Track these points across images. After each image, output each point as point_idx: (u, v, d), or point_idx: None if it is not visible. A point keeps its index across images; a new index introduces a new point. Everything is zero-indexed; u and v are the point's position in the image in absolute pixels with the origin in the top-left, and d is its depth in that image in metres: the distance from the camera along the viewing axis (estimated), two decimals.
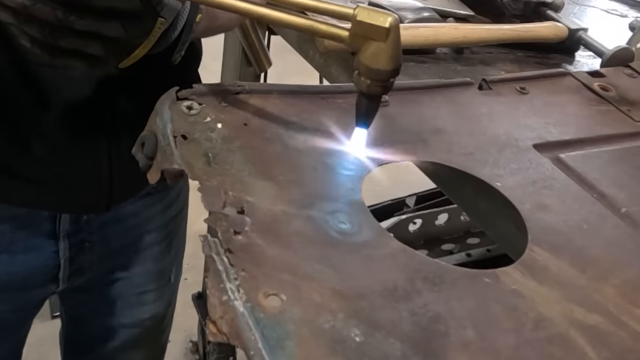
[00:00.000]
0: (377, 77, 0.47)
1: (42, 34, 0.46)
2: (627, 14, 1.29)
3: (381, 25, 0.45)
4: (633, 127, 0.69)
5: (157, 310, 0.99)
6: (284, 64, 1.80)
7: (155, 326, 1.01)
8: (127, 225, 0.86)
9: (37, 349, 1.67)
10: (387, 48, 0.45)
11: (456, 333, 0.38)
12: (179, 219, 0.97)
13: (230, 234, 0.40)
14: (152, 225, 0.90)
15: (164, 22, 0.50)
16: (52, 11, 0.45)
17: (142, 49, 0.52)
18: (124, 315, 0.96)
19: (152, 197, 0.88)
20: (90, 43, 0.48)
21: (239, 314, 0.34)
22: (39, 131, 0.70)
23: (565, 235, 0.49)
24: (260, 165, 0.47)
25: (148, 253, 0.92)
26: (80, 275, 0.85)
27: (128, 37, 0.49)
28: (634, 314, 0.43)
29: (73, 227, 0.80)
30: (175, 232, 0.97)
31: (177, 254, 1.00)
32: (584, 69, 0.92)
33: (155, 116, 0.50)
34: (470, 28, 0.88)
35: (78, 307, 0.98)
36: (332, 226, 0.43)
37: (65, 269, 0.82)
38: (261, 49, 1.39)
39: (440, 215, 1.53)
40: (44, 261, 0.80)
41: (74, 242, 0.81)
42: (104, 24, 0.47)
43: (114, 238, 0.86)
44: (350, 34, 0.46)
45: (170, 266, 0.98)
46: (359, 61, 0.46)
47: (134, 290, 0.94)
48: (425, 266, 0.42)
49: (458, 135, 0.59)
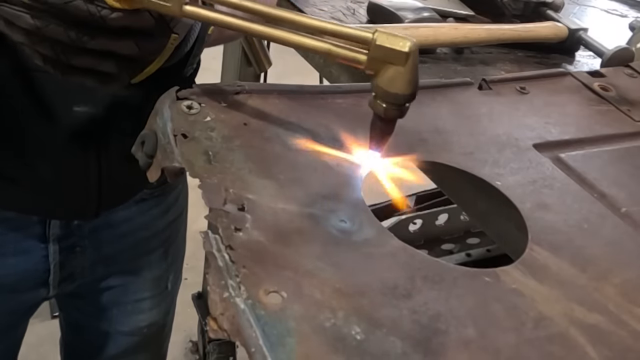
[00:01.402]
0: (394, 101, 0.46)
1: (55, 53, 0.46)
2: (627, 14, 1.30)
3: (401, 49, 0.44)
4: (633, 127, 0.69)
5: (155, 318, 0.98)
6: (284, 64, 1.80)
7: (154, 334, 1.00)
8: (119, 231, 0.85)
9: (37, 349, 1.67)
10: (405, 72, 0.45)
11: (456, 331, 0.38)
12: (177, 223, 0.96)
13: (231, 230, 0.40)
14: (147, 231, 0.89)
15: (177, 37, 0.50)
16: (64, 32, 0.44)
17: (155, 65, 0.51)
18: (121, 323, 0.95)
19: (148, 202, 0.87)
20: (103, 61, 0.47)
21: (240, 311, 0.34)
22: (32, 136, 0.70)
23: (566, 235, 0.49)
24: (261, 163, 0.47)
25: (143, 260, 0.91)
26: (72, 280, 0.84)
27: (142, 54, 0.48)
28: (634, 313, 0.43)
29: (63, 232, 0.79)
30: (173, 239, 0.95)
31: (174, 261, 0.99)
32: (584, 69, 0.92)
33: (155, 115, 0.50)
34: (470, 28, 0.89)
35: (75, 314, 0.97)
36: (332, 224, 0.43)
37: (55, 273, 0.81)
38: (261, 49, 1.39)
39: (440, 215, 1.53)
40: (34, 265, 0.80)
41: (64, 246, 0.80)
42: (118, 43, 0.47)
43: (106, 244, 0.84)
44: (368, 58, 0.45)
45: (167, 274, 0.97)
46: (376, 85, 0.46)
47: (130, 298, 0.93)
48: (426, 265, 0.43)
49: (458, 135, 0.59)
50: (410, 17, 0.88)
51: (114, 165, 0.75)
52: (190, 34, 0.54)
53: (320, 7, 0.97)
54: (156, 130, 0.48)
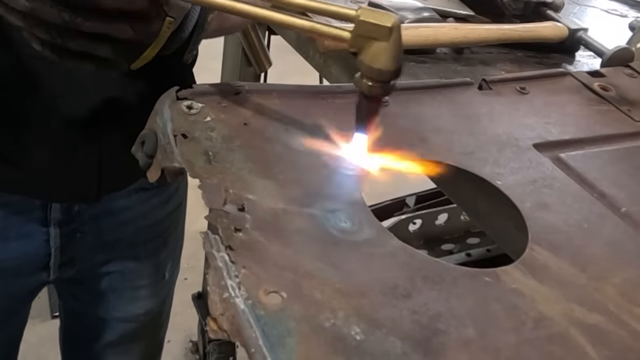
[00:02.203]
0: (379, 78, 0.47)
1: (51, 37, 0.47)
2: (627, 14, 1.30)
3: (384, 24, 0.45)
4: (633, 127, 0.69)
5: (151, 306, 0.99)
6: (284, 64, 1.80)
7: (150, 322, 1.02)
8: (120, 219, 0.86)
9: (37, 349, 1.67)
10: (389, 48, 0.45)
11: (456, 332, 0.38)
12: (177, 214, 0.97)
13: (230, 231, 0.40)
14: (147, 220, 0.90)
15: (172, 21, 0.50)
16: (58, 13, 0.45)
17: (153, 49, 0.52)
18: (118, 310, 0.96)
19: (148, 192, 0.88)
20: (99, 45, 0.48)
21: (240, 311, 0.34)
22: (34, 122, 0.71)
23: (566, 235, 0.49)
24: (261, 164, 0.47)
25: (142, 248, 0.93)
26: (72, 265, 0.86)
27: (137, 38, 0.49)
28: (634, 313, 0.43)
29: (64, 217, 0.81)
30: (172, 228, 0.97)
31: (173, 251, 1.00)
32: (584, 69, 0.92)
33: (155, 115, 0.50)
34: (470, 28, 0.89)
35: (74, 301, 0.98)
36: (332, 224, 0.43)
37: (56, 257, 0.83)
38: (261, 49, 1.39)
39: (440, 215, 1.53)
40: (36, 249, 0.81)
41: (65, 231, 0.82)
42: (111, 26, 0.47)
43: (107, 231, 0.86)
44: (352, 35, 0.46)
45: (165, 262, 0.98)
46: (360, 61, 0.46)
47: (128, 285, 0.94)
48: (426, 265, 0.43)
49: (458, 134, 0.59)
50: (410, 17, 0.88)
51: (115, 149, 0.75)
52: (187, 20, 0.54)
53: None
54: (156, 130, 0.48)
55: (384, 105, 0.58)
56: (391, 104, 0.60)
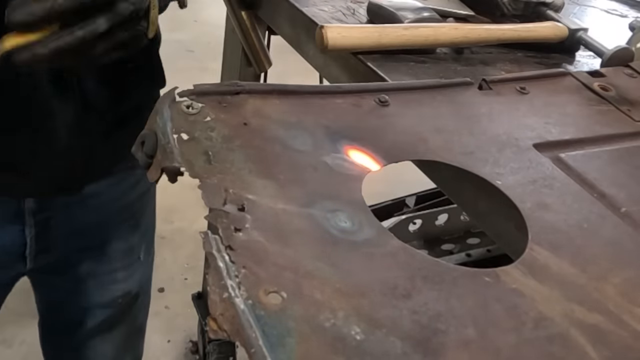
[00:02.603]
0: None
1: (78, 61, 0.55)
2: (627, 14, 1.29)
3: None
4: (633, 127, 0.69)
5: (129, 288, 1.01)
6: (284, 64, 1.80)
7: (128, 305, 1.03)
8: (91, 205, 0.88)
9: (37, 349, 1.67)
10: None
11: (456, 332, 0.38)
12: (147, 197, 0.99)
13: (230, 231, 0.40)
14: (117, 204, 0.92)
15: None
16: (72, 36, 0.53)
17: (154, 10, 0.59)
18: (96, 295, 0.98)
19: (116, 176, 0.90)
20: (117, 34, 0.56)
21: (240, 311, 0.34)
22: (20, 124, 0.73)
23: (566, 234, 0.49)
24: (261, 164, 0.47)
25: (115, 232, 0.94)
26: (47, 253, 0.87)
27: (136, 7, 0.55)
28: (634, 313, 0.43)
29: (38, 206, 0.82)
30: (143, 210, 0.99)
31: (146, 232, 1.02)
32: (584, 69, 0.92)
33: (155, 115, 0.50)
34: (470, 28, 0.88)
35: (52, 292, 1.00)
36: (332, 224, 0.43)
37: (31, 247, 0.85)
38: (261, 49, 1.38)
39: (440, 215, 1.53)
40: (11, 240, 0.83)
41: (39, 219, 0.83)
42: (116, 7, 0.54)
43: (79, 217, 0.88)
44: None
45: (140, 244, 1.00)
46: None
47: (104, 269, 0.96)
48: (426, 265, 0.42)
49: (458, 134, 0.59)
50: (410, 17, 0.88)
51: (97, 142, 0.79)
52: None
53: (321, 7, 0.97)
54: (156, 130, 0.48)
55: (384, 105, 0.58)
56: (391, 104, 0.60)
